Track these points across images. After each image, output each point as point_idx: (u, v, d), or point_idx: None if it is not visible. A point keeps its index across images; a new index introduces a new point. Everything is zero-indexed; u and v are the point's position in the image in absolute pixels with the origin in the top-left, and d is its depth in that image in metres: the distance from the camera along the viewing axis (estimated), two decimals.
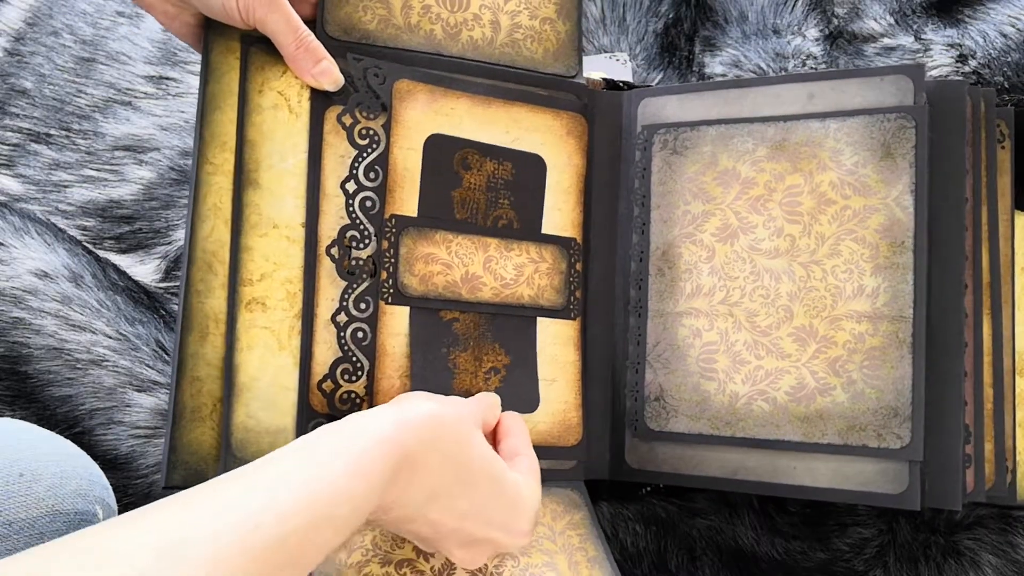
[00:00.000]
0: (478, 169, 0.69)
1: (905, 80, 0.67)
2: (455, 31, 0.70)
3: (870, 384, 0.66)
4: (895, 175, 0.67)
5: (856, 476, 0.66)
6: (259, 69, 0.64)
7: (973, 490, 0.69)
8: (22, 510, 0.60)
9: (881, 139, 0.67)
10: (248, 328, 0.62)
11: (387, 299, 0.65)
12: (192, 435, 0.60)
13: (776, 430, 0.67)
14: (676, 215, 0.73)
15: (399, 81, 0.67)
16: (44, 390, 0.84)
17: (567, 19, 0.74)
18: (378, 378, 0.64)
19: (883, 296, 0.66)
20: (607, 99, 0.76)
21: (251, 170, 0.63)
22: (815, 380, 0.67)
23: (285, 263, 0.63)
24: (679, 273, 0.72)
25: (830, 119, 0.69)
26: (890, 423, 0.65)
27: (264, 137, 0.63)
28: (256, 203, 0.63)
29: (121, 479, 0.83)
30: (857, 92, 0.69)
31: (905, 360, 0.65)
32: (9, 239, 0.88)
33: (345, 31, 0.66)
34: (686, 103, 0.74)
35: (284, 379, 0.62)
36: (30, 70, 0.97)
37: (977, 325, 0.71)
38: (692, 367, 0.71)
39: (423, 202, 0.67)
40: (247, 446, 0.60)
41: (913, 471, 0.64)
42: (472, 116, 0.69)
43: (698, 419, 0.70)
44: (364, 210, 0.65)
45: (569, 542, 0.66)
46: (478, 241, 0.69)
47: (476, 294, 0.68)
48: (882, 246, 0.67)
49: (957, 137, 0.68)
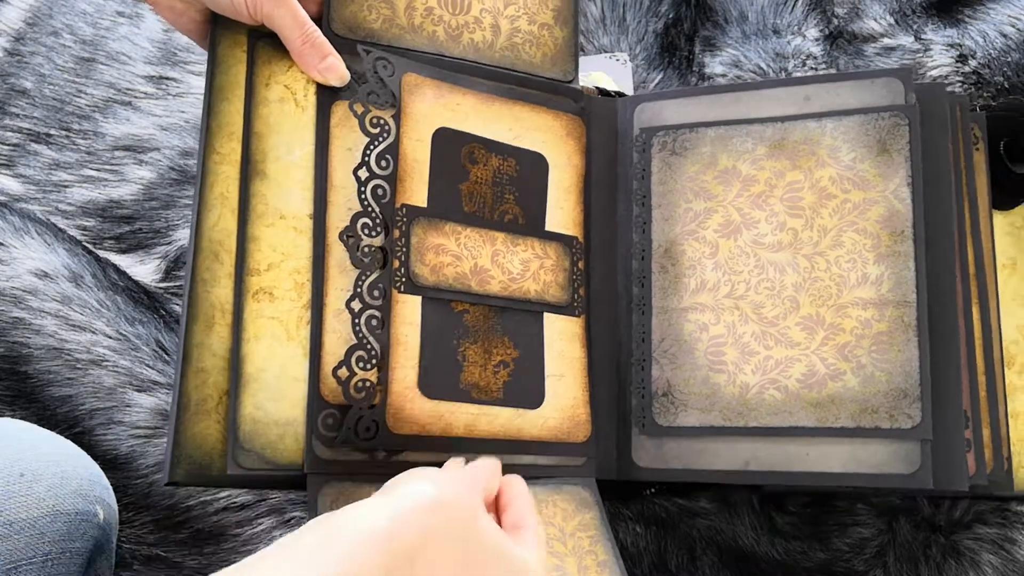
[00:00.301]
0: (484, 164, 0.69)
1: (896, 82, 0.70)
2: (456, 33, 0.70)
3: (879, 367, 0.67)
4: (892, 169, 0.69)
5: (869, 459, 0.66)
6: (266, 63, 0.64)
7: (975, 473, 0.70)
8: (23, 510, 0.59)
9: (877, 136, 0.70)
10: (255, 318, 0.61)
11: (400, 287, 0.64)
12: (197, 428, 0.59)
13: (789, 417, 0.68)
14: (677, 213, 0.73)
15: (407, 74, 0.67)
16: (44, 390, 0.84)
17: (564, 25, 0.75)
18: (392, 367, 0.63)
19: (887, 283, 0.68)
20: (602, 104, 0.77)
21: (258, 161, 0.63)
22: (825, 366, 0.68)
23: (293, 253, 0.62)
24: (683, 270, 0.73)
25: (826, 119, 0.71)
26: (901, 404, 0.66)
27: (271, 129, 0.63)
28: (263, 193, 0.62)
29: (121, 479, 0.83)
30: (851, 94, 0.71)
31: (912, 343, 0.67)
32: (9, 239, 0.88)
33: (350, 29, 0.67)
34: (683, 107, 0.75)
35: (293, 369, 0.61)
36: (30, 70, 0.97)
37: (968, 314, 0.73)
38: (700, 360, 0.71)
39: (432, 193, 0.67)
40: (255, 438, 0.59)
41: (924, 450, 0.65)
42: (477, 112, 0.70)
43: (709, 411, 0.70)
44: (376, 198, 0.65)
45: (579, 545, 0.65)
46: (486, 235, 0.69)
47: (485, 287, 0.68)
48: (883, 236, 0.69)
49: (941, 133, 0.70)
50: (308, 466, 0.60)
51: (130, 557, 0.82)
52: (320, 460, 0.60)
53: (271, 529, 0.83)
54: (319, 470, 0.60)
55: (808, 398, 0.68)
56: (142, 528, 0.83)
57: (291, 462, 0.60)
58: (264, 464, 0.59)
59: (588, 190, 0.74)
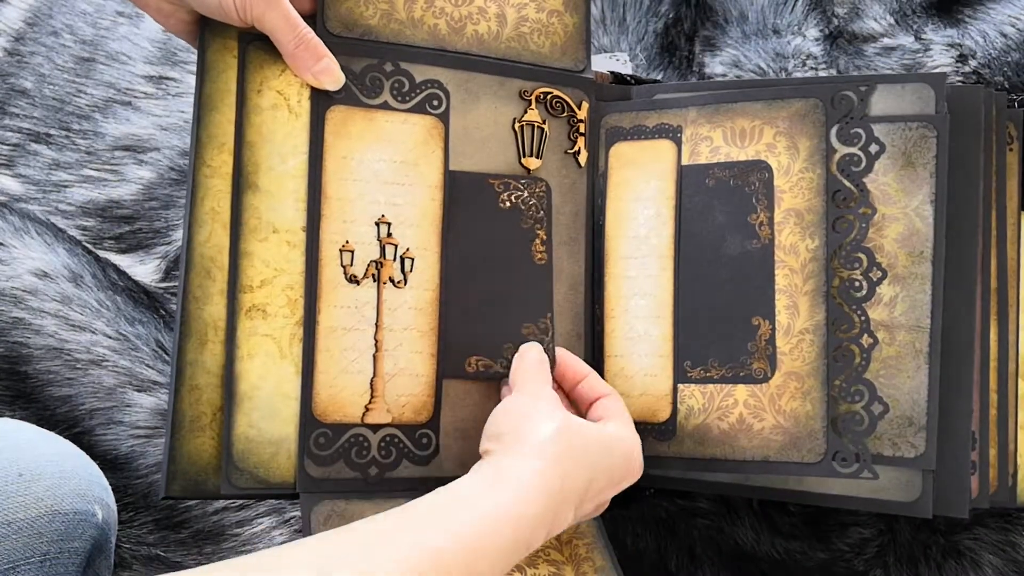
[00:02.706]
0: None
1: (927, 89, 0.66)
2: (460, 25, 0.68)
3: (886, 393, 0.65)
4: (916, 185, 0.65)
5: (869, 483, 0.65)
6: (257, 68, 0.62)
7: (977, 495, 0.68)
8: (21, 510, 0.59)
9: (902, 147, 0.66)
10: (249, 336, 0.60)
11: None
12: (191, 445, 0.59)
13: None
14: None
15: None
16: (44, 390, 0.84)
17: (575, 11, 0.71)
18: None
19: (901, 306, 0.65)
20: (617, 92, 0.74)
21: (250, 172, 0.61)
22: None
23: (286, 268, 0.61)
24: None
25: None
26: (905, 432, 0.64)
27: (263, 138, 0.62)
28: (255, 206, 0.61)
29: (121, 479, 0.83)
30: (878, 99, 0.67)
31: (922, 370, 0.64)
32: (9, 239, 0.88)
33: (346, 27, 0.64)
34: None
35: (286, 387, 0.61)
36: (30, 70, 0.97)
37: (985, 330, 0.70)
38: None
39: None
40: (249, 456, 0.59)
41: (926, 480, 0.64)
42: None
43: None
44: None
45: (576, 552, 0.65)
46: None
47: None
48: (900, 255, 0.65)
49: (973, 145, 0.66)
50: (300, 486, 0.60)
51: (130, 557, 0.82)
52: (312, 479, 0.61)
53: (271, 529, 0.83)
54: (311, 489, 0.60)
55: None
56: (142, 528, 0.83)
57: (283, 480, 0.61)
58: (257, 483, 0.60)
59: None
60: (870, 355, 0.65)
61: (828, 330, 0.66)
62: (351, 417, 0.62)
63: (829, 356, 0.66)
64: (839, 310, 0.66)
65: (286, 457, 0.61)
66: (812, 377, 0.66)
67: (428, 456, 0.64)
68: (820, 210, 0.67)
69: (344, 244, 0.63)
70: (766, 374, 0.67)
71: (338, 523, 0.59)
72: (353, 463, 0.62)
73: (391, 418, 0.63)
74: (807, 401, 0.66)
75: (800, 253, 0.67)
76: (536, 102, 0.70)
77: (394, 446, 0.63)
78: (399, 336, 0.64)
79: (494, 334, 0.67)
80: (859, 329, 0.66)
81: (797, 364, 0.66)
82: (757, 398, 0.67)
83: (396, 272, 0.64)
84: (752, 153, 0.69)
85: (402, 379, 0.64)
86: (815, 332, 0.66)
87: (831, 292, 0.66)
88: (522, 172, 0.69)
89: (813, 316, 0.67)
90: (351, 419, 0.62)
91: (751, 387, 0.67)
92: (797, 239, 0.67)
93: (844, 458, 0.65)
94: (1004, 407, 0.71)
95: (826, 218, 0.67)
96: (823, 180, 0.67)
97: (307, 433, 0.61)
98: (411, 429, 0.64)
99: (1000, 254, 0.72)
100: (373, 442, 0.63)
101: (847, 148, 0.67)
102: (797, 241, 0.67)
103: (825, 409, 0.66)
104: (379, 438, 0.63)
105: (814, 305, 0.67)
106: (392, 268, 0.64)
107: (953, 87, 0.68)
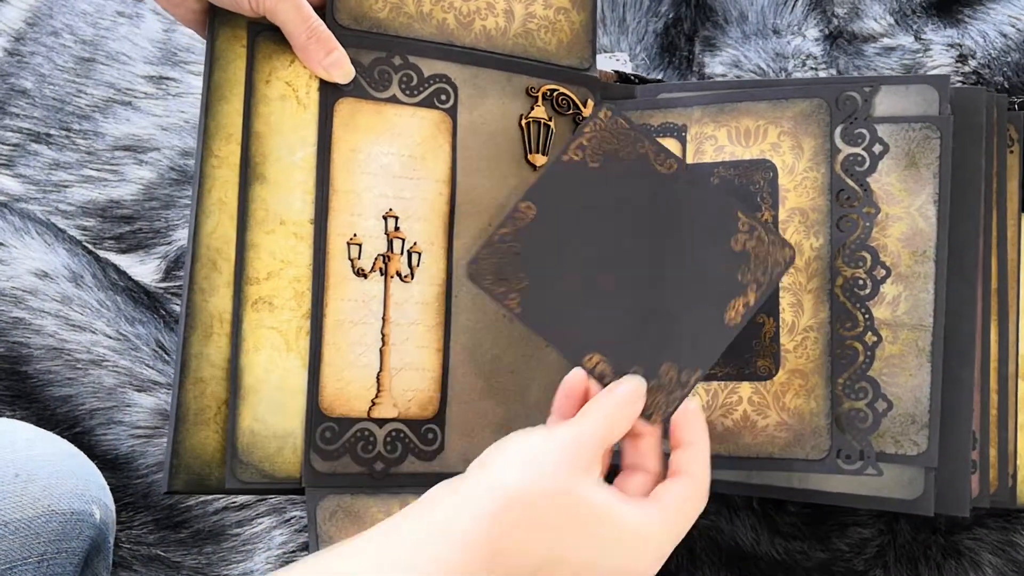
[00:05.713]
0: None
1: (930, 90, 0.66)
2: (468, 20, 0.68)
3: (889, 391, 0.65)
4: (919, 185, 0.65)
5: (870, 481, 0.64)
6: (266, 58, 0.62)
7: (978, 495, 0.68)
8: (17, 510, 0.59)
9: (906, 148, 0.66)
10: (255, 328, 0.60)
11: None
12: (195, 439, 0.59)
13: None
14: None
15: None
16: (44, 390, 0.84)
17: (582, 9, 0.71)
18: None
19: (903, 304, 0.65)
20: (620, 90, 0.74)
21: (258, 163, 0.61)
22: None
23: (293, 260, 0.61)
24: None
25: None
26: (908, 430, 0.64)
27: (271, 129, 0.61)
28: (263, 198, 0.61)
29: (121, 479, 0.82)
30: (882, 100, 0.67)
31: (924, 368, 0.64)
32: (9, 239, 0.87)
33: (356, 19, 0.64)
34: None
35: (292, 381, 0.60)
36: (30, 70, 0.96)
37: (985, 331, 0.70)
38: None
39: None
40: (253, 450, 0.59)
41: (928, 477, 0.63)
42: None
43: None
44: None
45: None
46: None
47: None
48: (904, 255, 0.65)
49: (974, 147, 0.67)
50: (306, 480, 0.60)
51: (130, 557, 0.81)
52: (318, 474, 0.60)
53: (271, 529, 0.83)
54: (317, 483, 0.60)
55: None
56: (142, 528, 0.82)
57: (288, 475, 0.60)
58: (262, 477, 0.59)
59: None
60: (874, 353, 0.65)
61: (832, 328, 0.66)
62: (357, 411, 0.62)
63: (833, 354, 0.66)
64: (843, 308, 0.66)
65: (291, 451, 0.60)
66: (816, 374, 0.66)
67: (433, 452, 0.64)
68: (824, 209, 0.67)
69: (352, 237, 0.63)
70: (770, 371, 0.67)
71: (343, 518, 0.58)
72: (359, 458, 0.61)
73: (397, 413, 0.63)
74: (811, 398, 0.66)
75: (804, 251, 0.67)
76: (543, 99, 0.69)
77: (400, 441, 0.63)
78: (406, 331, 0.64)
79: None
80: (863, 327, 0.66)
81: (801, 361, 0.66)
82: (761, 395, 0.67)
83: (403, 266, 0.64)
84: (757, 152, 0.69)
85: (408, 374, 0.64)
86: (819, 330, 0.66)
87: (835, 290, 0.66)
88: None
89: (817, 314, 0.66)
90: (357, 413, 0.62)
91: (755, 384, 0.67)
92: (801, 237, 0.67)
93: (848, 455, 0.64)
94: (1004, 407, 0.71)
95: (830, 217, 0.67)
96: (827, 179, 0.67)
97: (314, 427, 0.60)
98: (417, 424, 0.64)
99: (1000, 255, 0.72)
100: (379, 437, 0.62)
101: (851, 148, 0.67)
102: (801, 239, 0.67)
103: (829, 406, 0.65)
104: (385, 433, 0.62)
105: (818, 303, 0.67)
106: (399, 262, 0.64)
107: (955, 89, 0.68)
